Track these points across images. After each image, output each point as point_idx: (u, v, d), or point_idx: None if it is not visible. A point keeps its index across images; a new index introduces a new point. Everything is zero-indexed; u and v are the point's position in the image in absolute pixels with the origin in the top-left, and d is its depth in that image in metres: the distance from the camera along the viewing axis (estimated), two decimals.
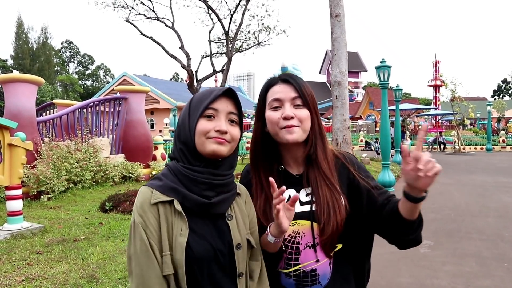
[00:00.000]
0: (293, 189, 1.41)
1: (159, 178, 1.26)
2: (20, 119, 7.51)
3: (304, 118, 1.38)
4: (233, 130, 1.27)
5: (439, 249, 5.39)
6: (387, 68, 9.90)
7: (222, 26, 21.61)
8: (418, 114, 33.36)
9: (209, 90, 1.29)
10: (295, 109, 1.37)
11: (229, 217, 1.27)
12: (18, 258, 4.43)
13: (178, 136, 1.29)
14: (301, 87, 1.40)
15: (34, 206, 7.25)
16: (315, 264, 1.34)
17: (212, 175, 1.23)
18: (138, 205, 1.20)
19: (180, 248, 1.15)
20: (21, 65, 58.15)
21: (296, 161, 1.45)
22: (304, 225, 1.35)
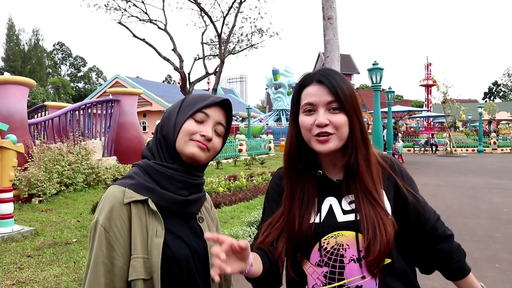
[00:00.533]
0: (334, 197, 1.27)
1: (130, 176, 1.19)
2: (11, 121, 7.46)
3: (341, 125, 1.21)
4: (217, 141, 1.25)
5: None
6: (379, 71, 9.95)
7: (215, 28, 21.63)
8: (410, 116, 33.56)
9: (207, 94, 1.27)
10: (330, 114, 1.22)
11: (201, 220, 1.27)
12: (9, 261, 4.39)
13: (160, 128, 1.25)
14: (337, 89, 1.22)
15: (25, 209, 7.19)
16: (361, 280, 1.19)
17: (188, 174, 1.21)
18: (107, 204, 1.12)
19: (157, 250, 1.10)
20: (12, 67, 57.74)
21: (337, 167, 1.30)
22: (348, 237, 1.21)
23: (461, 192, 10.16)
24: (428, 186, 11.13)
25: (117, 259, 1.09)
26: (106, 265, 1.08)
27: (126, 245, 1.10)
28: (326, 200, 1.27)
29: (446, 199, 9.20)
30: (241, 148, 18.58)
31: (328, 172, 1.31)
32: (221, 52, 21.48)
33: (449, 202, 8.75)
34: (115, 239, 1.09)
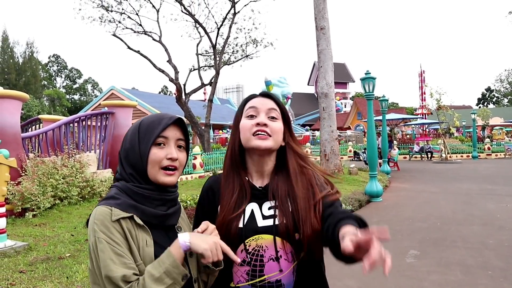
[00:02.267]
0: (255, 203, 1.43)
1: (113, 197, 1.29)
2: (4, 135, 7.47)
3: (277, 130, 1.42)
4: (182, 156, 1.36)
5: (425, 258, 5.43)
6: (372, 80, 10.03)
7: (210, 40, 21.75)
8: (406, 123, 33.71)
9: (158, 117, 1.35)
10: (269, 120, 1.42)
11: (179, 228, 1.39)
12: (1, 277, 4.37)
13: (126, 159, 1.34)
14: (278, 102, 1.47)
15: (18, 224, 7.16)
16: (280, 274, 1.35)
17: (163, 192, 1.33)
18: (98, 223, 1.21)
19: (149, 258, 1.22)
20: (6, 79, 57.65)
21: (261, 174, 1.48)
22: (266, 239, 1.37)
23: (455, 198, 10.19)
24: (423, 194, 11.18)
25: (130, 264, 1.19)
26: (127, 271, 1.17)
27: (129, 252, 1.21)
28: (249, 205, 1.43)
29: (441, 206, 9.22)
30: None
31: (252, 179, 1.49)
32: (216, 63, 21.57)
33: (443, 209, 8.78)
34: (120, 249, 1.19)
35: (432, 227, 7.20)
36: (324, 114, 13.78)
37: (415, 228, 7.16)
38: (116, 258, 1.17)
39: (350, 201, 8.96)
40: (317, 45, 14.00)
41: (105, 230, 1.20)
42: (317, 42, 13.99)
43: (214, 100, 22.65)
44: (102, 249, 1.18)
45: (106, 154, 10.76)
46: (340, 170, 13.63)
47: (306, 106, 55.17)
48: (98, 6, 20.16)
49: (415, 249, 5.83)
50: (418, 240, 6.34)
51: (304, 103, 56.93)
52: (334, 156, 13.63)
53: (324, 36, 13.79)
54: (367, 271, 0.96)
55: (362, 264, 0.97)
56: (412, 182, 13.98)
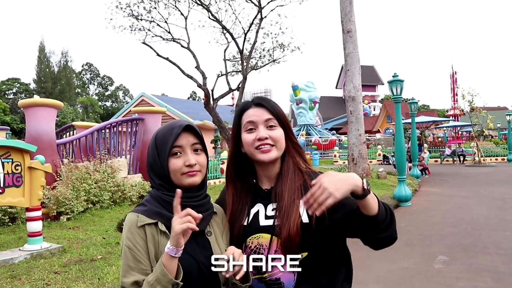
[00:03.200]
0: (261, 204, 1.50)
1: (143, 204, 1.41)
2: (40, 142, 7.78)
3: (278, 138, 1.47)
4: (200, 158, 1.43)
5: (454, 264, 5.33)
6: (400, 82, 9.91)
7: (237, 45, 21.92)
8: (437, 126, 32.99)
9: (170, 128, 1.42)
10: (269, 130, 1.47)
11: (209, 233, 1.43)
12: (37, 278, 4.58)
13: (153, 172, 1.43)
14: (274, 108, 1.50)
15: (53, 227, 7.44)
16: (279, 273, 1.40)
17: (189, 198, 1.37)
18: (126, 229, 1.35)
19: None
20: (43, 88, 59.84)
21: (269, 178, 1.53)
22: (266, 238, 1.42)
23: (488, 203, 9.93)
24: (454, 198, 10.93)
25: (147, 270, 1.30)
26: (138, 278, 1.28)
27: (147, 259, 1.32)
28: (255, 206, 1.50)
29: (472, 211, 9.01)
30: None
31: (261, 182, 1.55)
32: (243, 68, 21.72)
33: (474, 214, 8.57)
34: (139, 254, 1.31)
35: (463, 233, 7.05)
36: (351, 118, 13.68)
37: (444, 233, 7.03)
38: (134, 263, 1.29)
39: None
40: (344, 48, 13.94)
41: (130, 236, 1.32)
42: (344, 45, 13.93)
43: None
44: (124, 255, 1.30)
45: (136, 159, 11.03)
46: (368, 174, 13.50)
47: (334, 110, 54.70)
48: (129, 16, 20.67)
49: (444, 255, 5.73)
50: (448, 246, 6.22)
51: (332, 107, 56.48)
52: (362, 160, 13.51)
53: (351, 39, 13.72)
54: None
55: None
56: (443, 186, 13.68)
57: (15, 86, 60.35)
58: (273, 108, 1.50)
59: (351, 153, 13.68)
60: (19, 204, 5.80)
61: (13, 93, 60.14)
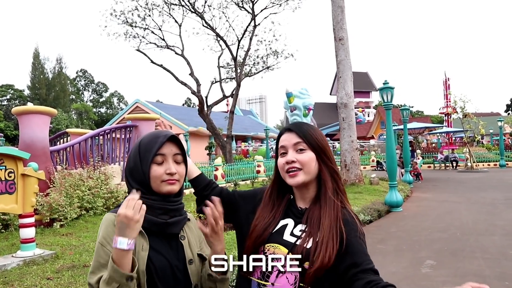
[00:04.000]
0: (292, 220, 1.53)
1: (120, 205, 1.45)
2: (33, 149, 7.82)
3: (305, 162, 1.49)
4: (180, 169, 1.51)
5: (441, 268, 5.44)
6: (390, 90, 10.07)
7: (230, 52, 22.12)
8: (430, 132, 33.22)
9: (154, 136, 1.51)
10: (297, 154, 1.50)
11: (182, 237, 1.52)
12: (30, 284, 4.62)
13: (132, 177, 1.50)
14: (304, 132, 1.52)
15: (47, 233, 7.47)
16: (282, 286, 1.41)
17: (166, 202, 1.48)
18: (103, 227, 1.42)
19: (142, 260, 1.37)
20: (37, 94, 59.73)
21: (304, 199, 1.56)
22: (282, 251, 1.44)
23: (478, 208, 10.07)
24: (445, 203, 11.06)
25: None
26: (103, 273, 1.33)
27: None
28: (286, 219, 1.54)
29: (462, 216, 9.13)
30: (259, 170, 18.69)
31: (298, 200, 1.58)
32: (237, 75, 21.90)
33: (464, 219, 8.69)
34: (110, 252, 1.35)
35: (451, 238, 7.16)
36: (344, 124, 13.82)
37: (433, 238, 7.14)
38: (104, 260, 1.34)
39: (369, 211, 8.97)
40: (336, 55, 14.11)
41: (105, 233, 1.39)
42: (336, 53, 14.10)
43: (236, 112, 22.98)
44: (97, 251, 1.38)
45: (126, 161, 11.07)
46: (361, 180, 13.61)
47: (328, 116, 54.93)
48: (123, 23, 20.81)
49: (431, 259, 5.84)
50: (436, 250, 6.33)
51: (326, 113, 56.73)
52: (355, 166, 13.63)
53: (343, 47, 13.89)
54: None
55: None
56: (434, 192, 13.82)
57: (9, 92, 60.15)
58: (303, 132, 1.52)
59: (344, 159, 13.81)
60: (12, 211, 5.84)
61: (7, 99, 59.95)
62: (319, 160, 1.51)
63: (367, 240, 1.46)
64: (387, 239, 7.24)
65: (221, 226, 1.44)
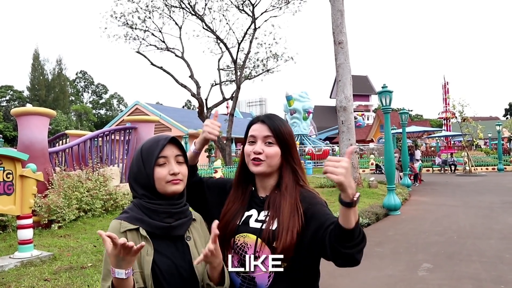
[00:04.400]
0: (255, 209, 1.65)
1: (126, 211, 1.53)
2: (32, 150, 7.84)
3: (271, 155, 1.60)
4: (183, 169, 1.56)
5: (438, 271, 5.46)
6: (389, 93, 10.10)
7: (230, 55, 22.19)
8: (429, 135, 33.27)
9: (155, 140, 1.56)
10: (265, 146, 1.61)
11: (188, 238, 1.55)
12: (27, 285, 4.64)
13: (136, 182, 1.55)
14: (275, 127, 1.62)
15: (45, 235, 7.48)
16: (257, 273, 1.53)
17: (169, 205, 1.52)
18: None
19: (147, 265, 1.40)
20: (37, 95, 59.74)
21: (265, 188, 1.68)
22: (251, 239, 1.56)
23: (475, 212, 10.09)
24: (442, 207, 11.08)
25: None
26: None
27: None
28: (250, 210, 1.66)
29: (459, 219, 9.15)
30: None
31: (258, 190, 1.70)
32: (237, 77, 21.95)
33: (461, 223, 8.71)
34: None
35: (448, 241, 7.18)
36: (343, 128, 13.84)
37: (430, 242, 7.16)
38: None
39: (367, 214, 8.99)
40: (335, 59, 14.14)
41: None
42: (335, 56, 14.12)
43: (236, 114, 23.02)
44: (105, 259, 1.40)
45: (129, 168, 11.09)
46: (360, 183, 13.63)
47: (328, 119, 54.96)
48: (123, 25, 20.86)
49: (428, 262, 5.86)
50: (433, 254, 6.35)
51: (326, 116, 56.77)
52: (353, 170, 13.63)
53: (342, 50, 13.92)
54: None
55: None
56: (432, 195, 13.84)
57: (8, 93, 60.16)
58: (275, 126, 1.62)
59: None
60: (10, 212, 5.87)
61: (6, 100, 59.94)
62: (283, 156, 1.62)
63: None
64: (384, 242, 7.26)
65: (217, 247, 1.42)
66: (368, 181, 14.43)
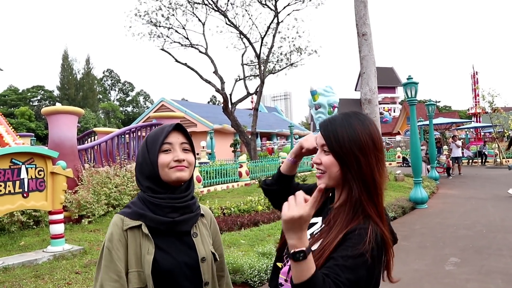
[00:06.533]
0: (321, 218, 1.46)
1: (128, 206, 1.49)
2: (62, 148, 8.09)
3: (327, 165, 1.36)
4: (189, 157, 1.50)
5: (465, 266, 5.36)
6: (414, 85, 9.93)
7: (254, 50, 22.20)
8: (458, 127, 32.50)
9: (161, 128, 1.52)
10: (323, 155, 1.38)
11: (195, 235, 1.51)
12: (59, 277, 4.81)
13: (141, 173, 1.50)
14: (326, 133, 1.37)
15: (75, 229, 7.71)
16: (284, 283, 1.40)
17: (173, 199, 1.46)
18: (110, 231, 1.43)
19: (147, 265, 1.37)
20: (66, 95, 61.31)
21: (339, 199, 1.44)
22: None
23: (506, 205, 9.83)
24: (471, 200, 10.84)
25: (121, 272, 1.38)
26: (111, 278, 1.37)
27: (125, 262, 1.40)
28: (317, 217, 1.46)
29: (489, 213, 8.94)
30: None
31: (335, 199, 1.45)
32: (261, 72, 21.96)
33: (491, 217, 8.51)
34: (116, 258, 1.39)
35: (477, 235, 7.03)
36: None
37: (458, 236, 7.03)
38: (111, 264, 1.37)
39: (393, 208, 8.89)
40: (359, 51, 13.96)
41: (111, 238, 1.41)
42: (359, 48, 13.95)
43: (261, 109, 23.05)
44: (104, 256, 1.40)
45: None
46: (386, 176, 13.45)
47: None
48: (147, 23, 21.13)
49: (456, 257, 5.76)
50: (460, 248, 6.24)
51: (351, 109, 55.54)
52: None
53: (366, 42, 13.73)
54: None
55: None
56: (461, 188, 13.56)
57: (39, 93, 62.02)
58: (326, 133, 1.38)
59: None
60: (42, 208, 6.08)
61: (38, 100, 61.82)
62: (343, 165, 1.33)
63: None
64: (410, 236, 7.18)
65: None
66: (395, 174, 14.24)
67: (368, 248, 1.21)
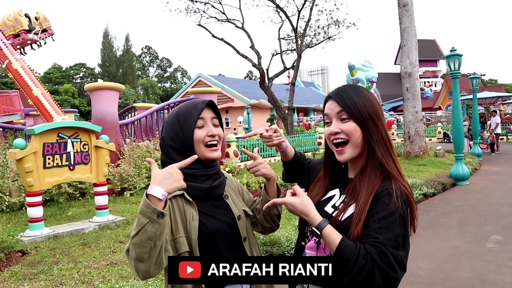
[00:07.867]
0: (338, 189, 1.49)
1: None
2: (104, 123, 8.36)
3: (350, 132, 1.38)
4: (219, 131, 1.60)
5: (508, 244, 5.22)
6: (458, 57, 9.54)
7: (291, 23, 21.83)
8: (504, 101, 31.09)
9: (193, 104, 1.58)
10: (341, 124, 1.40)
11: (226, 197, 1.63)
12: (104, 246, 5.06)
13: (172, 148, 1.55)
14: (344, 100, 1.40)
15: (118, 201, 8.03)
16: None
17: (206, 168, 1.57)
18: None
19: (194, 230, 1.45)
20: (107, 72, 62.79)
21: (354, 169, 1.48)
22: None
23: None
24: None
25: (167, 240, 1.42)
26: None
27: (170, 229, 1.43)
28: (334, 190, 1.51)
29: None
30: (320, 141, 18.55)
31: (349, 170, 1.51)
32: (298, 46, 21.63)
33: None
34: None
35: None
36: (408, 95, 13.33)
37: (501, 213, 6.83)
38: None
39: (432, 184, 8.70)
40: (399, 23, 13.51)
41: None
42: (400, 20, 13.49)
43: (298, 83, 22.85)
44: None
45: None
46: (426, 152, 13.15)
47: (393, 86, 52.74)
48: None
49: (498, 234, 5.62)
50: (503, 226, 6.07)
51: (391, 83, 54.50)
52: (419, 138, 13.18)
53: (407, 13, 13.25)
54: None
55: None
56: (505, 165, 13.07)
57: (81, 71, 63.80)
58: (343, 100, 1.41)
59: (407, 130, 13.37)
60: (88, 180, 6.36)
61: (80, 77, 63.68)
62: (364, 129, 1.38)
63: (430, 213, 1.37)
64: (450, 212, 7.03)
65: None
66: (435, 150, 13.88)
67: (398, 205, 1.28)
